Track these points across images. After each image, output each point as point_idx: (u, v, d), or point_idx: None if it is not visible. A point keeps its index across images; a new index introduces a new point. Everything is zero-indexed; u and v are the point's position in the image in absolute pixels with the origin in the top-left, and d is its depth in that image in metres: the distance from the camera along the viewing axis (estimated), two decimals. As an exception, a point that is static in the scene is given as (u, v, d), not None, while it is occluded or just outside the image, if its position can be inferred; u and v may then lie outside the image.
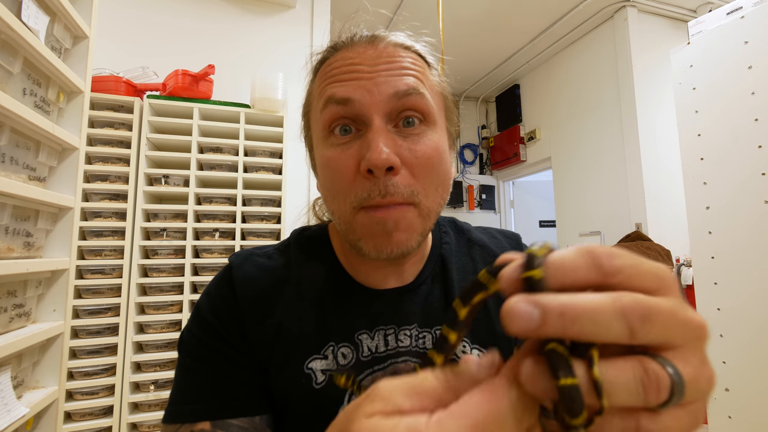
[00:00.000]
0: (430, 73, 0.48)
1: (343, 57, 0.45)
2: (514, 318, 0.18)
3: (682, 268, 2.48)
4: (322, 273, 0.51)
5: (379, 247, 0.43)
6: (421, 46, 0.49)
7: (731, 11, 1.41)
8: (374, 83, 0.43)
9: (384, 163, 0.40)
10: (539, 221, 4.16)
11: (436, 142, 0.45)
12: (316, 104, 0.47)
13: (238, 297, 0.48)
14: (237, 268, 0.50)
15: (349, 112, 0.43)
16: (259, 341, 0.47)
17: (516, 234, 0.62)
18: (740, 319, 1.32)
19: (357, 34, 0.47)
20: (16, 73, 0.83)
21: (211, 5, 2.15)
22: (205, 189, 1.71)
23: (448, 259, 0.55)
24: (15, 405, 0.80)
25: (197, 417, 0.44)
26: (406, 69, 0.44)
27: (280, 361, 0.47)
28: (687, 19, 2.79)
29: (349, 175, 0.43)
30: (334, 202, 0.45)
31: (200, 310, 0.50)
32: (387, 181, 0.41)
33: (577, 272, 0.19)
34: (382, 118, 0.43)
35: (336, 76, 0.44)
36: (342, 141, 0.44)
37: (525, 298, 0.18)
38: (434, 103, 0.46)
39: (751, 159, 1.31)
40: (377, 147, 0.40)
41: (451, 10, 2.71)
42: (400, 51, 0.46)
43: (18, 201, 0.85)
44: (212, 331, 0.47)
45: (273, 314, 0.48)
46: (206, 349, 0.47)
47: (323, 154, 0.45)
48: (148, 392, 1.57)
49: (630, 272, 0.18)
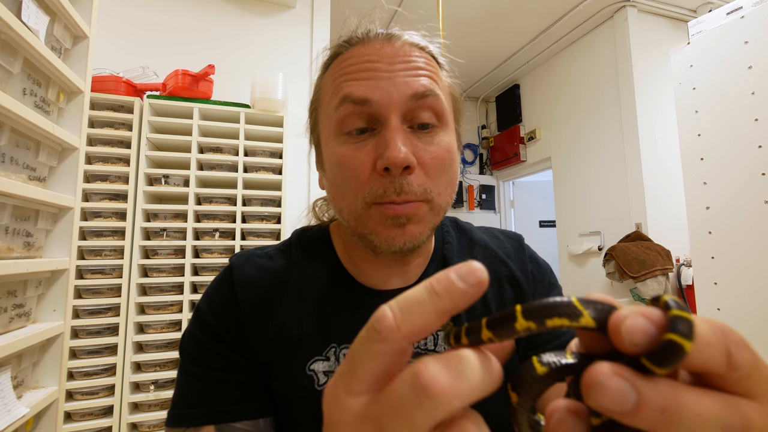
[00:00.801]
0: (442, 74, 0.48)
1: (359, 53, 0.45)
2: (602, 391, 0.15)
3: (682, 268, 2.48)
4: (324, 273, 0.51)
5: (391, 240, 0.43)
6: (435, 47, 0.49)
7: (731, 11, 1.41)
8: (392, 84, 0.42)
9: (402, 161, 0.40)
10: (539, 221, 4.16)
11: (449, 143, 0.45)
12: (328, 101, 0.46)
13: (239, 299, 0.48)
14: (237, 270, 0.50)
15: (366, 111, 0.43)
16: (260, 344, 0.47)
17: (518, 235, 0.61)
18: (740, 319, 1.32)
19: (372, 31, 0.47)
20: (16, 73, 0.83)
21: (211, 5, 2.15)
22: (205, 189, 1.71)
23: (450, 260, 0.54)
24: (15, 405, 0.80)
25: (200, 421, 0.44)
26: (422, 69, 0.44)
27: (282, 363, 0.46)
28: (687, 19, 2.79)
29: (364, 173, 0.42)
30: (344, 199, 0.44)
31: (201, 312, 0.49)
32: (402, 180, 0.41)
33: (704, 354, 0.16)
34: (399, 117, 0.42)
35: (352, 73, 0.44)
36: (356, 139, 0.43)
37: (624, 373, 0.15)
38: (447, 103, 0.46)
39: (751, 159, 1.31)
40: (396, 146, 0.40)
41: (451, 10, 2.71)
42: (415, 51, 0.45)
43: (18, 201, 0.85)
44: (213, 334, 0.47)
45: (274, 316, 0.48)
46: (207, 352, 0.47)
47: (336, 151, 0.44)
48: (148, 392, 1.57)
49: (749, 370, 0.16)
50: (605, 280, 2.68)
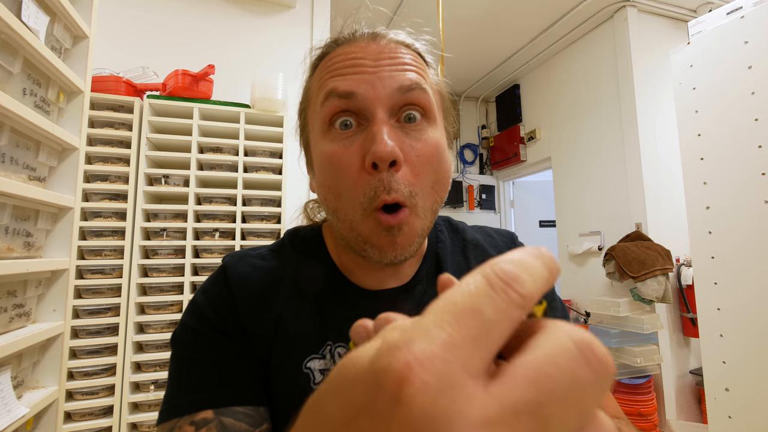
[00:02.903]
0: (429, 71, 0.48)
1: (345, 51, 0.45)
2: None
3: (682, 268, 2.48)
4: (318, 274, 0.51)
5: (383, 253, 0.43)
6: (421, 45, 0.49)
7: (731, 11, 1.41)
8: (378, 77, 0.42)
9: (389, 155, 0.39)
10: (539, 221, 4.16)
11: (437, 139, 0.45)
12: (315, 99, 0.46)
13: (235, 296, 0.48)
14: (231, 268, 0.50)
15: (352, 105, 0.42)
16: (258, 336, 0.46)
17: (511, 232, 0.62)
18: (740, 319, 1.32)
19: (358, 31, 0.47)
20: (16, 73, 0.83)
21: (211, 5, 2.15)
22: (205, 189, 1.71)
23: (443, 259, 0.54)
24: (15, 405, 0.80)
25: (198, 407, 0.42)
26: (408, 65, 0.44)
27: (279, 360, 0.46)
28: (687, 19, 2.79)
29: (354, 171, 0.42)
30: (339, 201, 0.44)
31: (197, 306, 0.48)
32: (390, 177, 0.41)
33: None
34: (386, 111, 0.42)
35: (338, 69, 0.44)
36: (344, 136, 0.43)
37: None
38: (434, 99, 0.46)
39: (751, 159, 1.31)
40: (382, 139, 0.40)
41: (451, 10, 2.71)
42: (401, 48, 0.46)
43: (18, 201, 0.85)
44: (211, 325, 0.47)
45: (270, 310, 0.48)
46: (206, 340, 0.46)
47: (324, 149, 0.44)
48: (148, 392, 1.57)
49: None
50: (605, 280, 2.68)
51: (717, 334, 1.37)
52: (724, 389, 1.34)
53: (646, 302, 2.39)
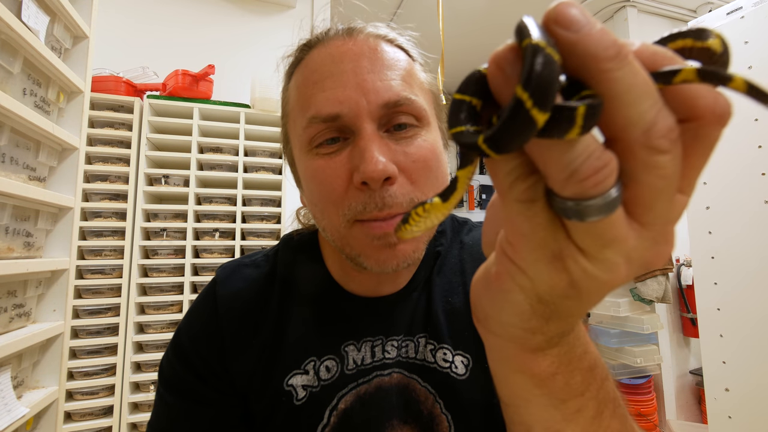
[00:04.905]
0: (416, 69, 0.44)
1: (321, 56, 0.41)
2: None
3: (682, 268, 2.48)
4: (311, 282, 0.49)
5: (383, 262, 0.40)
6: (405, 40, 0.45)
7: (731, 11, 1.41)
8: (362, 92, 0.38)
9: (381, 174, 0.36)
10: (539, 221, 4.16)
11: (431, 142, 0.42)
12: (296, 118, 0.43)
13: (222, 320, 0.47)
14: (221, 285, 0.49)
15: (337, 126, 0.39)
16: (240, 370, 0.46)
17: None
18: (740, 319, 1.32)
19: (332, 29, 0.44)
20: (16, 73, 0.83)
21: (211, 5, 2.15)
22: (205, 189, 1.71)
23: (440, 263, 0.52)
24: (15, 405, 0.80)
25: None
26: (392, 70, 0.40)
27: (260, 385, 0.46)
28: (687, 19, 2.79)
29: (341, 186, 0.39)
30: (324, 218, 0.41)
31: (179, 336, 0.48)
32: (384, 192, 0.37)
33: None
34: (373, 123, 0.39)
35: (317, 82, 0.40)
36: (329, 150, 0.40)
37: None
38: (425, 102, 0.43)
39: (751, 159, 1.31)
40: (372, 157, 0.36)
41: (450, 10, 2.71)
42: (382, 44, 0.42)
43: (18, 201, 0.85)
44: (188, 364, 0.46)
45: (256, 333, 0.47)
46: (181, 383, 0.47)
47: (308, 165, 0.41)
48: (148, 392, 1.57)
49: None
50: (605, 280, 2.67)
51: (717, 334, 1.37)
52: (724, 389, 1.34)
53: (646, 302, 2.39)
